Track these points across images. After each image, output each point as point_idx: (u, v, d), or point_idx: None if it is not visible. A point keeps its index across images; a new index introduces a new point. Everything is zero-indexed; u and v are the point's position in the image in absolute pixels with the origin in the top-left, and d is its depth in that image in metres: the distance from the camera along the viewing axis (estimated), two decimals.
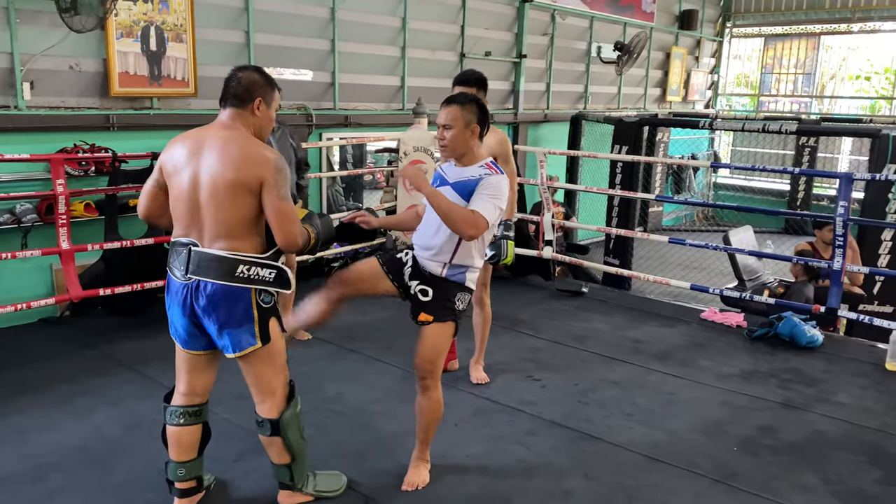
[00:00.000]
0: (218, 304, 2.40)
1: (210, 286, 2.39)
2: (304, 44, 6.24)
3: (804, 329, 4.70)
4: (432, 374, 2.86)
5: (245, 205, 2.36)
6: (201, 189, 2.36)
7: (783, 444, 3.40)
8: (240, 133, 2.42)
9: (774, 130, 6.17)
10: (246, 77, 2.45)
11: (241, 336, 2.44)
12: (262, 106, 2.47)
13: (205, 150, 2.38)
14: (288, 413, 2.59)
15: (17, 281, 4.71)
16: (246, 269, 2.40)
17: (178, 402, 2.61)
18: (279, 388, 2.59)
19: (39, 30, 4.61)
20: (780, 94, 12.84)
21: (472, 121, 2.80)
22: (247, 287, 2.41)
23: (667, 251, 7.44)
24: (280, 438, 2.59)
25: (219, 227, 2.37)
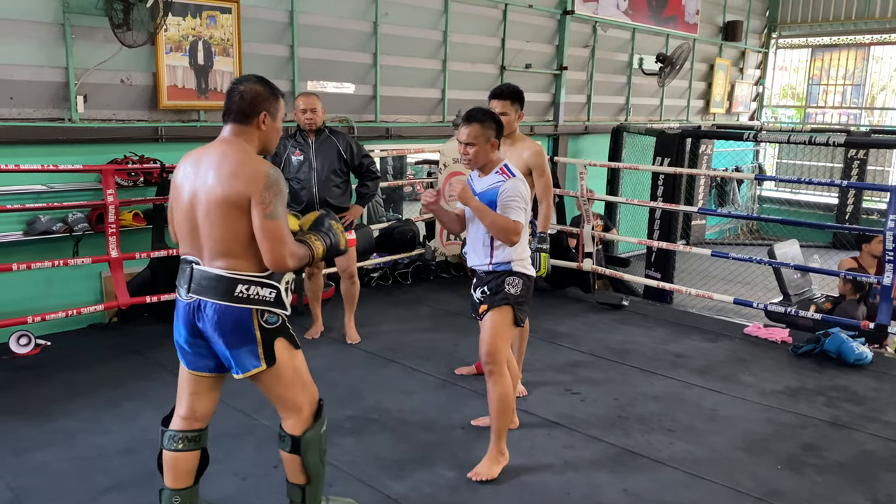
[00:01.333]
0: (218, 324, 2.31)
1: (210, 306, 2.31)
2: (346, 57, 6.34)
3: (852, 346, 4.58)
4: (495, 360, 3.03)
5: (238, 223, 2.26)
6: (197, 207, 2.30)
7: (829, 463, 3.31)
8: (236, 148, 2.32)
9: (822, 143, 6.04)
10: (248, 91, 2.35)
11: (244, 357, 2.34)
12: (268, 119, 2.38)
13: (202, 167, 2.31)
14: (311, 433, 2.49)
15: (68, 287, 4.86)
16: (245, 288, 2.29)
17: (178, 427, 2.52)
18: (304, 405, 2.48)
19: (93, 45, 4.77)
20: (827, 106, 12.57)
21: (492, 135, 3.05)
22: (247, 307, 2.30)
23: (710, 265, 7.32)
24: (299, 458, 2.49)
25: (216, 245, 2.29)
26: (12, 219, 4.59)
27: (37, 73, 4.61)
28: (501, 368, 3.04)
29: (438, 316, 5.49)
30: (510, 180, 3.00)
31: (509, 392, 3.07)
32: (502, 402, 3.05)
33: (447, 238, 6.44)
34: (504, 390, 3.04)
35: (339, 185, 4.53)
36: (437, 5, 6.98)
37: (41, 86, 4.65)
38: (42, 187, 4.65)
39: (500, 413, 3.06)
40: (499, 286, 3.05)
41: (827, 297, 6.35)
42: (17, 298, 4.60)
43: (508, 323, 3.07)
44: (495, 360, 3.03)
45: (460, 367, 4.30)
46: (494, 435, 3.11)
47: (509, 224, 2.93)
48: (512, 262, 3.06)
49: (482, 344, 3.07)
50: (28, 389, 3.92)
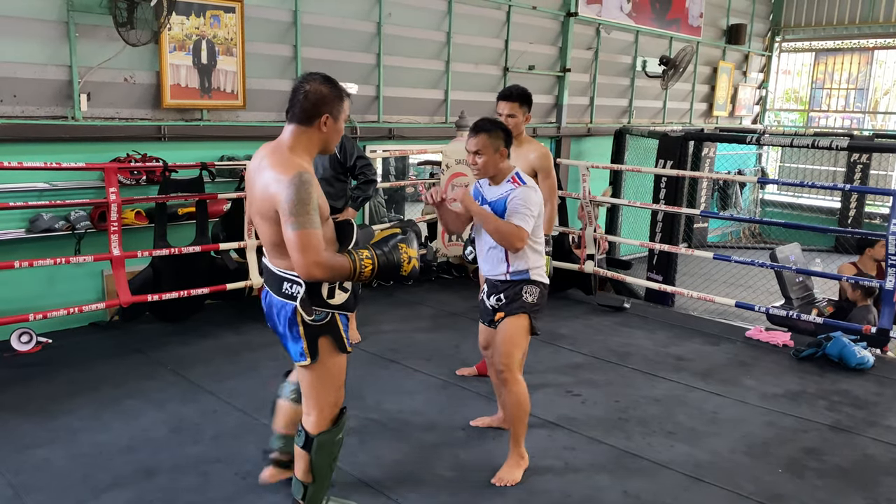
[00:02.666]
0: (274, 315, 2.48)
1: (269, 297, 2.50)
2: (350, 58, 6.34)
3: (854, 350, 4.57)
4: (509, 367, 3.04)
5: (274, 230, 2.31)
6: (252, 206, 2.43)
7: (831, 467, 3.31)
8: (279, 157, 2.31)
9: (825, 146, 6.03)
10: (313, 91, 2.34)
11: (294, 349, 2.47)
12: (330, 121, 2.37)
13: (259, 169, 2.36)
14: (325, 436, 2.54)
15: (70, 285, 4.86)
16: (289, 286, 2.39)
17: (294, 379, 2.75)
18: (326, 407, 2.53)
19: (97, 44, 4.78)
20: (831, 110, 12.56)
21: (500, 145, 3.06)
22: (291, 303, 2.39)
23: (711, 268, 7.31)
24: (308, 455, 2.55)
25: (267, 243, 2.42)
26: (15, 216, 4.60)
27: (41, 71, 4.62)
28: (516, 375, 3.06)
29: (439, 317, 5.49)
30: (520, 188, 3.01)
31: (526, 398, 3.08)
32: (519, 408, 3.07)
33: (449, 239, 6.44)
34: (520, 396, 3.07)
35: (332, 186, 4.48)
36: (441, 6, 6.99)
37: (45, 84, 4.65)
38: (45, 185, 4.66)
39: (519, 419, 3.08)
40: (516, 294, 3.07)
41: (829, 301, 6.34)
42: (19, 296, 4.60)
43: (525, 331, 3.09)
44: (510, 367, 3.05)
45: (461, 368, 4.30)
46: (513, 440, 3.12)
47: (512, 229, 2.93)
48: (529, 270, 3.07)
49: (497, 351, 3.09)
50: (29, 387, 3.93)
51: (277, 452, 2.86)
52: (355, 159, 4.47)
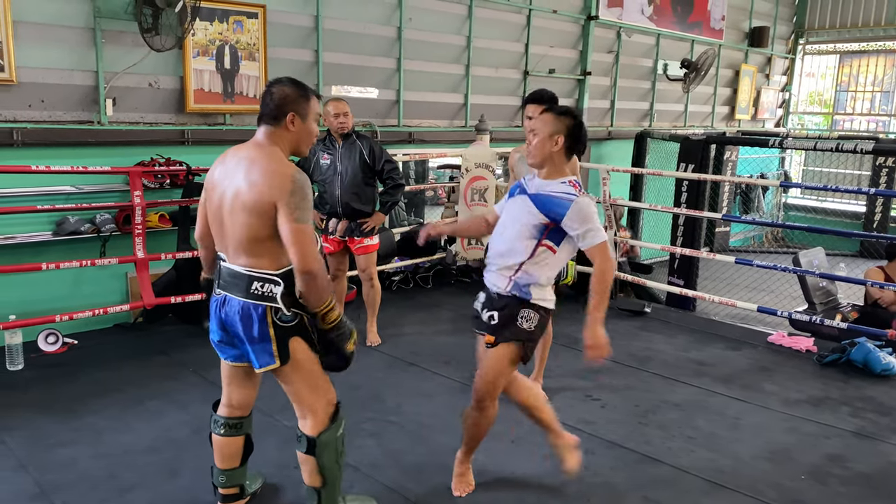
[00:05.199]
0: (238, 319, 2.38)
1: (231, 301, 2.39)
2: (370, 62, 6.38)
3: (879, 356, 4.51)
4: (490, 396, 2.81)
5: (261, 225, 2.30)
6: (224, 206, 2.37)
7: (854, 474, 3.27)
8: (266, 152, 2.35)
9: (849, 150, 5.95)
10: (278, 93, 2.38)
11: (261, 354, 2.40)
12: (297, 120, 2.39)
13: (232, 168, 2.37)
14: (326, 434, 2.49)
15: (95, 287, 4.93)
16: (259, 285, 2.34)
17: (221, 413, 2.69)
18: (319, 408, 2.50)
19: (122, 49, 4.86)
20: (855, 113, 12.40)
21: (559, 132, 2.73)
22: (262, 304, 2.35)
23: (733, 272, 7.25)
24: (314, 459, 2.50)
25: (239, 243, 2.35)
26: (42, 219, 4.68)
27: (68, 76, 4.70)
28: (494, 403, 2.83)
29: (459, 320, 5.49)
30: (583, 198, 2.70)
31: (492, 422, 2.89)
32: (483, 430, 2.91)
33: (468, 242, 6.45)
34: (488, 421, 2.87)
35: (362, 190, 4.55)
36: (461, 11, 7.01)
37: (71, 89, 4.73)
38: (71, 188, 4.74)
39: (480, 437, 2.95)
40: (511, 317, 2.74)
41: (853, 306, 6.26)
42: (46, 297, 4.68)
43: (513, 360, 2.78)
44: (490, 396, 2.80)
45: None
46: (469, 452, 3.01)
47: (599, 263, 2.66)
48: (531, 287, 2.75)
49: (480, 377, 2.81)
50: (55, 387, 3.99)
51: (224, 488, 2.73)
52: (383, 163, 4.53)
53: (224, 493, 2.73)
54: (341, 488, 2.68)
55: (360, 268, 4.71)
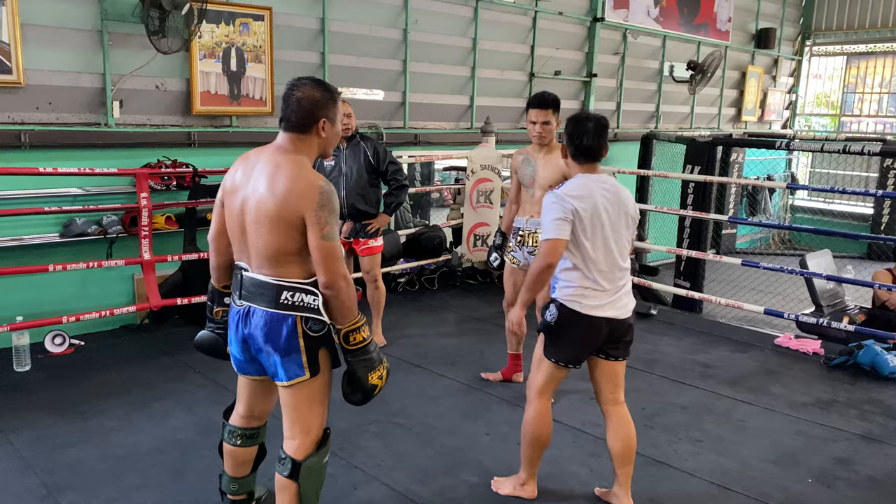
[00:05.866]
0: (264, 331, 2.25)
1: (257, 312, 2.26)
2: (376, 64, 6.39)
3: (887, 358, 4.49)
4: (528, 387, 2.92)
5: (287, 236, 2.19)
6: (247, 214, 2.25)
7: (862, 477, 3.25)
8: (292, 160, 2.23)
9: (856, 152, 5.93)
10: (307, 98, 2.25)
11: (289, 366, 2.27)
12: (328, 125, 2.28)
13: (255, 174, 2.25)
14: (313, 459, 2.34)
15: (101, 289, 4.95)
16: (290, 295, 2.22)
17: (237, 423, 2.59)
18: (314, 428, 2.35)
19: (129, 52, 4.88)
20: (863, 115, 12.35)
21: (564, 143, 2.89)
22: (291, 314, 2.23)
23: (740, 274, 7.22)
24: (296, 485, 2.32)
25: (263, 253, 2.24)
26: (49, 221, 4.70)
27: (75, 78, 4.72)
28: (532, 396, 2.88)
29: (464, 322, 5.49)
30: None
31: (532, 423, 2.87)
32: (525, 430, 2.92)
33: (474, 244, 6.45)
34: (528, 419, 2.88)
35: (367, 192, 4.56)
36: (467, 13, 7.01)
37: (79, 91, 4.76)
38: (78, 190, 4.76)
39: (524, 441, 2.93)
40: (544, 310, 2.83)
41: (861, 309, 6.23)
42: (53, 299, 4.70)
43: (542, 351, 2.85)
44: (528, 387, 2.92)
45: (486, 373, 4.30)
46: (521, 460, 3.00)
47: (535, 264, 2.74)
48: (556, 284, 2.80)
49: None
50: (62, 388, 4.01)
51: (233, 495, 2.68)
52: (387, 164, 4.54)
53: (234, 499, 2.67)
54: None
55: (364, 269, 4.72)
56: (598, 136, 2.76)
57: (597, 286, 2.72)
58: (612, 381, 2.89)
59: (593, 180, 2.77)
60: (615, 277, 2.76)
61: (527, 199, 3.91)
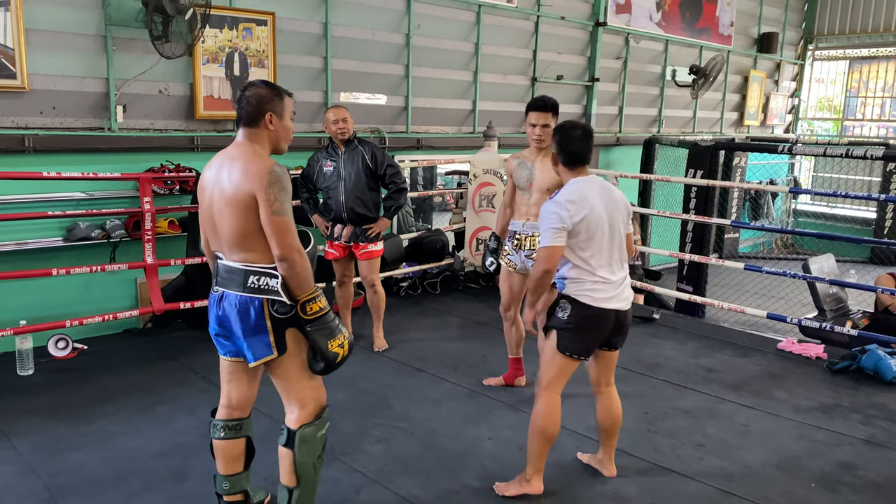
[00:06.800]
0: (235, 313, 2.43)
1: (228, 296, 2.45)
2: (379, 69, 6.40)
3: (890, 363, 4.47)
4: (538, 382, 3.02)
5: (247, 219, 2.38)
6: (214, 205, 2.46)
7: (865, 482, 3.24)
8: (245, 150, 2.45)
9: (859, 156, 5.93)
10: (253, 95, 2.47)
11: (257, 345, 2.44)
12: (275, 118, 2.48)
13: (217, 170, 2.47)
14: (308, 429, 2.50)
15: (105, 293, 4.96)
16: (256, 279, 2.41)
17: (220, 416, 2.68)
18: (309, 401, 2.52)
19: (133, 56, 4.89)
20: (865, 119, 12.34)
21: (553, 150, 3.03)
22: (258, 297, 2.40)
23: (743, 279, 7.23)
24: (292, 454, 2.50)
25: (231, 240, 2.43)
26: (53, 225, 4.71)
27: (79, 83, 4.74)
28: (541, 391, 2.96)
29: (467, 326, 5.49)
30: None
31: (541, 418, 2.93)
32: (533, 425, 2.96)
33: (476, 248, 6.45)
34: (538, 413, 2.94)
35: (367, 195, 4.56)
36: (470, 17, 7.03)
37: (83, 96, 4.77)
38: (82, 195, 4.77)
39: (531, 435, 2.97)
40: (553, 307, 2.94)
41: (864, 313, 6.22)
42: (56, 303, 4.71)
43: (554, 349, 2.94)
44: (539, 382, 3.01)
45: (488, 378, 4.30)
46: (527, 457, 3.03)
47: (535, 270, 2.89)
48: (565, 280, 2.92)
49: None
50: (65, 392, 4.01)
51: (229, 495, 2.71)
52: (385, 167, 4.54)
53: (229, 500, 2.70)
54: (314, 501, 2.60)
55: (361, 274, 4.72)
56: (585, 141, 2.96)
57: (604, 280, 2.89)
58: (609, 367, 3.14)
59: (586, 183, 2.94)
60: (617, 270, 2.95)
61: (523, 203, 3.90)
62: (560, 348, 2.92)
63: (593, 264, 2.88)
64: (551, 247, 2.82)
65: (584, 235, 2.84)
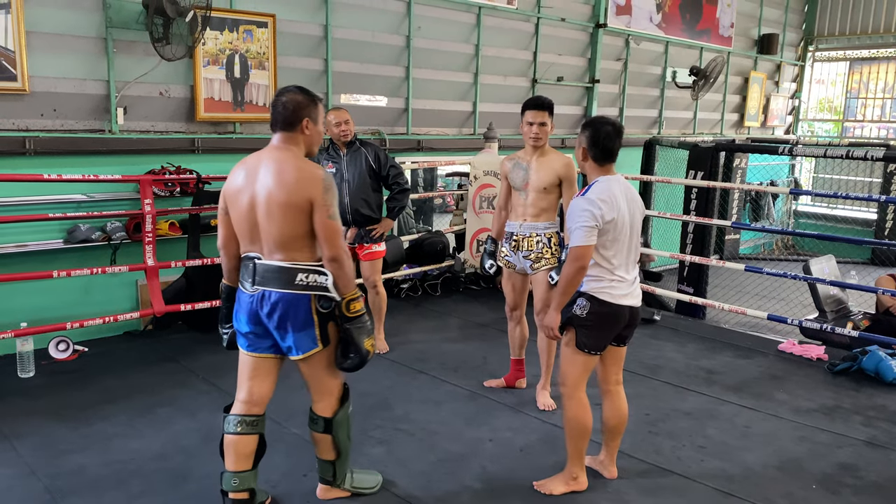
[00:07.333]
0: (281, 310, 2.55)
1: (273, 295, 2.55)
2: (379, 71, 6.40)
3: (891, 364, 4.47)
4: (563, 383, 3.03)
5: (298, 221, 2.52)
6: (258, 208, 2.54)
7: (867, 483, 3.24)
8: (291, 154, 2.57)
9: (860, 157, 5.92)
10: (291, 100, 2.58)
11: (304, 340, 2.59)
12: (310, 124, 2.61)
13: (260, 173, 2.55)
14: (341, 413, 2.77)
15: (105, 295, 4.96)
16: (304, 276, 2.55)
17: (238, 411, 2.72)
18: (335, 389, 2.76)
19: (134, 59, 4.90)
20: (866, 120, 12.34)
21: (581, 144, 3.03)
22: (306, 294, 2.55)
23: (743, 280, 7.22)
24: (330, 437, 2.76)
25: (277, 241, 2.54)
26: (54, 227, 4.71)
27: (80, 85, 4.74)
28: (571, 392, 2.99)
29: (467, 327, 5.49)
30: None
31: (576, 417, 2.99)
32: (570, 426, 3.02)
33: (477, 250, 6.45)
34: (572, 413, 2.99)
35: (370, 196, 4.57)
36: (470, 19, 7.03)
37: (84, 98, 4.78)
38: (82, 197, 4.77)
39: (570, 436, 3.03)
40: (570, 304, 2.95)
41: (865, 314, 6.22)
42: (57, 305, 4.71)
43: (570, 342, 2.98)
44: (563, 382, 3.03)
45: (489, 380, 4.30)
46: (568, 457, 3.07)
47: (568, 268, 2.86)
48: (585, 278, 2.91)
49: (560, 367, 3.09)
50: (66, 394, 4.01)
51: (235, 493, 2.68)
52: (388, 168, 4.56)
53: (236, 497, 2.69)
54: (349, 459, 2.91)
55: (364, 275, 4.72)
56: (617, 137, 2.99)
57: (621, 278, 2.95)
58: (618, 363, 3.15)
59: (615, 182, 2.97)
60: (631, 270, 3.01)
61: (519, 203, 3.90)
62: (579, 346, 2.96)
63: (615, 263, 2.93)
64: (584, 246, 2.82)
65: (610, 235, 2.89)
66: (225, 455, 2.72)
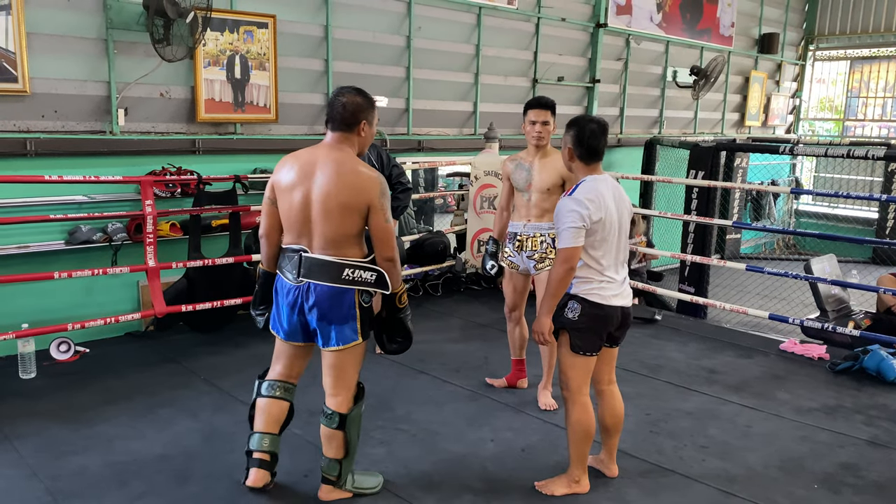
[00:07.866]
0: (326, 303, 2.67)
1: (319, 287, 2.67)
2: (380, 71, 6.40)
3: (892, 363, 4.47)
4: (565, 386, 3.02)
5: (353, 222, 2.65)
6: (313, 206, 2.63)
7: (868, 483, 3.24)
8: (348, 156, 2.67)
9: (861, 156, 5.92)
10: (351, 102, 2.68)
11: (345, 332, 2.72)
12: (367, 126, 2.72)
13: (317, 171, 2.64)
14: (355, 411, 2.84)
15: (106, 296, 4.96)
16: (351, 272, 2.66)
17: (276, 376, 2.93)
18: (354, 385, 2.85)
19: (134, 60, 4.90)
20: (867, 119, 12.33)
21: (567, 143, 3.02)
22: (351, 288, 2.68)
23: (745, 279, 7.22)
24: (343, 433, 2.80)
25: (329, 238, 2.65)
26: (55, 228, 4.71)
27: (80, 87, 4.75)
28: (573, 395, 2.98)
29: (469, 328, 5.49)
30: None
31: (579, 421, 2.97)
32: (573, 430, 3.00)
33: (478, 250, 6.45)
34: (575, 417, 2.98)
35: None
36: (470, 20, 7.03)
37: (84, 99, 4.78)
38: (83, 198, 4.77)
39: (573, 440, 3.01)
40: (561, 307, 2.95)
41: (866, 314, 6.21)
42: (58, 306, 4.72)
43: (566, 348, 2.97)
44: (566, 386, 3.01)
45: (491, 379, 4.30)
46: (571, 460, 3.06)
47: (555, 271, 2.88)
48: (575, 280, 2.91)
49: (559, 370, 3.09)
50: (67, 395, 4.01)
51: (261, 453, 2.90)
52: (391, 168, 4.56)
53: (260, 456, 2.88)
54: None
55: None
56: (602, 135, 2.98)
57: (611, 279, 2.95)
58: (610, 364, 3.14)
59: (602, 182, 2.95)
60: (620, 270, 3.00)
61: (522, 204, 3.90)
62: (574, 349, 2.96)
63: (604, 264, 2.92)
64: (572, 248, 2.83)
65: (599, 236, 2.88)
66: (255, 418, 2.91)
